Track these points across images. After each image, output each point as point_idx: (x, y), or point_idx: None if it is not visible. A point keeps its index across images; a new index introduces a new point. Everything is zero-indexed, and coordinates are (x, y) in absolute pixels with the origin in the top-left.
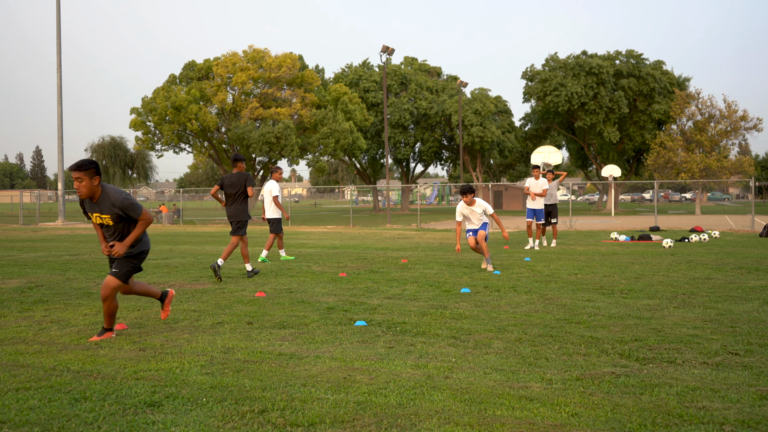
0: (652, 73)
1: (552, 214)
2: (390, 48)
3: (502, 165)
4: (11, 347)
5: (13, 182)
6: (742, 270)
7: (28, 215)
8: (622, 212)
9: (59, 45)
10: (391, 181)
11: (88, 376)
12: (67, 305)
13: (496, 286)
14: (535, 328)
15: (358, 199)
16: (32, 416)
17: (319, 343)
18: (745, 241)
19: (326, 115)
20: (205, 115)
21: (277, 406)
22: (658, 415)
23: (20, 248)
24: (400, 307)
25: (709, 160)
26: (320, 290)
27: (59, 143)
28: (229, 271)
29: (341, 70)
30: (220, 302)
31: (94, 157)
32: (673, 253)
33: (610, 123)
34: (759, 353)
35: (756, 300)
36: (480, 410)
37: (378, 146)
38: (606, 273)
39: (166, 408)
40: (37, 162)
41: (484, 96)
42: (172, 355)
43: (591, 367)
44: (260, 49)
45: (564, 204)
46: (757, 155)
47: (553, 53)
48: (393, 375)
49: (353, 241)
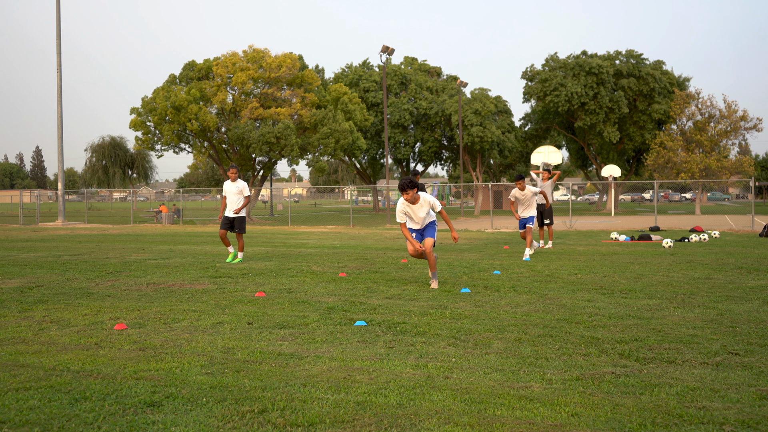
0: (652, 73)
1: (545, 214)
2: (390, 48)
3: (502, 165)
4: (11, 347)
5: (13, 182)
6: (742, 270)
7: (28, 215)
8: (622, 212)
9: (59, 45)
10: (391, 181)
11: (88, 376)
12: (67, 305)
13: (496, 286)
14: (535, 328)
15: (358, 199)
16: (32, 416)
17: (319, 343)
18: (745, 241)
19: (326, 115)
20: (205, 115)
21: (277, 406)
22: (658, 415)
23: (20, 248)
24: (400, 307)
25: (709, 160)
26: (320, 290)
27: (59, 143)
28: (228, 270)
29: (341, 70)
30: (220, 302)
31: (94, 157)
32: (673, 253)
33: (610, 123)
34: (759, 353)
35: (756, 300)
36: (480, 410)
37: (378, 146)
38: (606, 273)
39: (166, 408)
40: (37, 162)
41: (484, 96)
42: (172, 355)
43: (591, 367)
44: (260, 49)
45: (564, 204)
46: (757, 155)
47: (553, 53)
48: (393, 375)
49: (353, 241)
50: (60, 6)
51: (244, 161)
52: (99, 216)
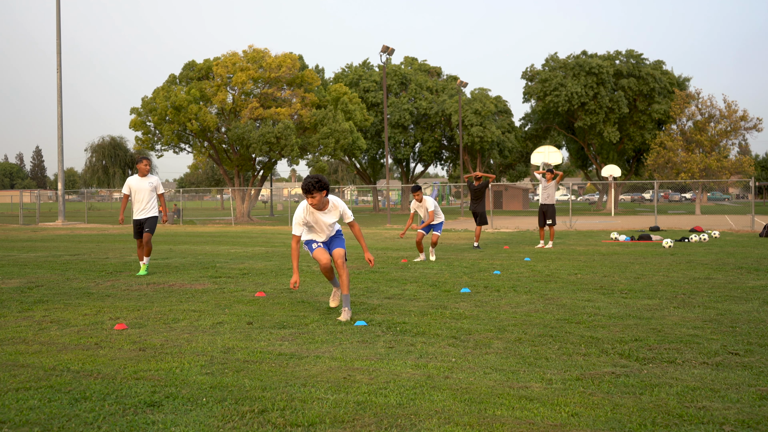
0: (652, 73)
1: (548, 214)
2: (390, 48)
3: (502, 165)
4: (11, 347)
5: (13, 182)
6: (742, 270)
7: (28, 215)
8: (622, 212)
9: (59, 45)
10: (391, 181)
11: (88, 376)
12: (67, 305)
13: (496, 286)
14: (535, 328)
15: (358, 199)
16: (32, 416)
17: (319, 343)
18: (745, 241)
19: (326, 115)
20: (205, 115)
21: (277, 406)
22: (658, 415)
23: (20, 248)
24: (400, 307)
25: (709, 160)
26: (320, 290)
27: (59, 143)
28: (228, 270)
29: (341, 70)
30: (220, 302)
31: (94, 157)
32: (673, 253)
33: (610, 123)
34: (759, 353)
35: (756, 300)
36: (480, 410)
37: (378, 146)
38: (606, 273)
39: (166, 408)
40: (37, 162)
41: (484, 96)
42: (172, 355)
43: (591, 367)
44: (260, 49)
45: (564, 204)
46: (757, 155)
47: (553, 53)
48: (393, 375)
49: (353, 241)
50: (60, 6)
51: (244, 161)
52: (99, 216)
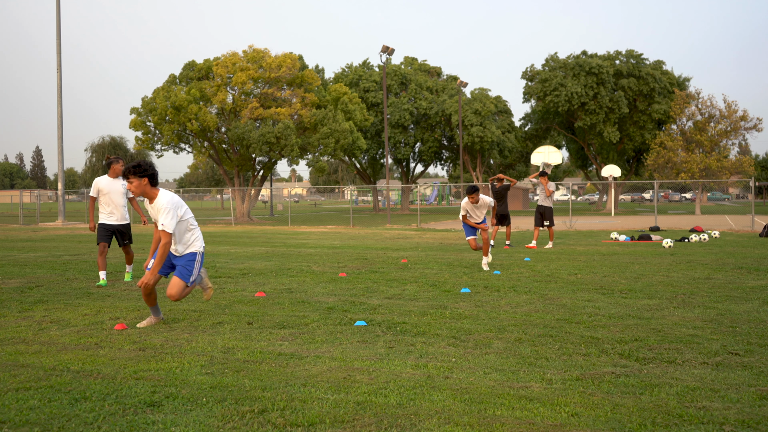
0: (652, 73)
1: (545, 215)
2: (390, 48)
3: (502, 165)
4: (11, 347)
5: (13, 182)
6: (742, 270)
7: (28, 215)
8: (622, 212)
9: (59, 45)
10: (391, 181)
11: (88, 376)
12: (67, 305)
13: (496, 286)
14: (535, 328)
15: (358, 199)
16: (32, 416)
17: (319, 343)
18: (745, 241)
19: (326, 115)
20: (205, 115)
21: (277, 406)
22: (658, 415)
23: (20, 248)
24: (400, 307)
25: (709, 160)
26: (320, 290)
27: (59, 143)
28: (228, 270)
29: (341, 70)
30: (220, 302)
31: (94, 157)
32: (673, 253)
33: (610, 123)
34: (759, 353)
35: (756, 300)
36: (480, 410)
37: (378, 146)
38: (606, 273)
39: (166, 408)
40: (37, 162)
41: (484, 96)
42: (172, 355)
43: (591, 367)
44: (260, 49)
45: (564, 204)
46: (757, 155)
47: (553, 53)
48: (393, 375)
49: (353, 241)
50: (60, 6)
51: (244, 161)
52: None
